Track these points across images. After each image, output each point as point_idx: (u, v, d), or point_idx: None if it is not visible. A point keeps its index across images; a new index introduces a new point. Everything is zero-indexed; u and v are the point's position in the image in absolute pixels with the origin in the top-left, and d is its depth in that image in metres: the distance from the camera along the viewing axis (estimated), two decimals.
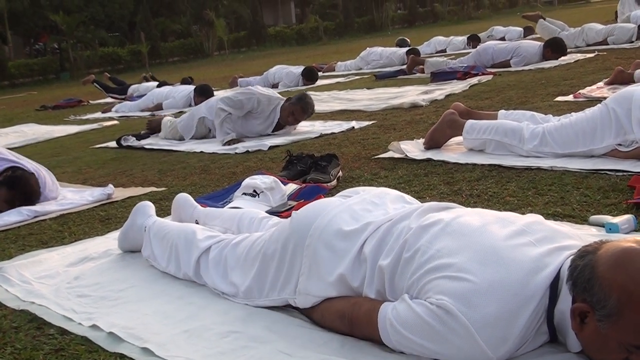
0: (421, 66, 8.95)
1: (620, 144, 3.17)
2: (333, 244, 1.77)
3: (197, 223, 2.59)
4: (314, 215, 1.86)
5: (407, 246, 1.63)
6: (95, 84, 12.07)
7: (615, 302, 1.32)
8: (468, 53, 9.32)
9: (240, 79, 10.90)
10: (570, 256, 1.48)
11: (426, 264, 1.54)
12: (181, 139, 5.75)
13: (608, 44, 9.54)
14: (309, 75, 9.73)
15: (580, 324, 1.41)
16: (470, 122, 3.72)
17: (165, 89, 9.30)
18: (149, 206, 2.63)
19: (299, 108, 5.15)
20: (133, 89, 11.29)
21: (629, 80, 5.39)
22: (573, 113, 3.53)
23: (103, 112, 9.58)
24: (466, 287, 1.43)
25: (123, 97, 11.09)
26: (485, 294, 1.42)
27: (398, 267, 1.62)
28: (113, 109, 9.45)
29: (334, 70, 11.92)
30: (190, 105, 8.05)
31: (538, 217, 1.72)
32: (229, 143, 5.08)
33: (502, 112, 3.92)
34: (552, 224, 1.72)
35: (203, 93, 7.75)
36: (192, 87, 8.71)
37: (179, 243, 2.28)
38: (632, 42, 9.38)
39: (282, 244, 1.89)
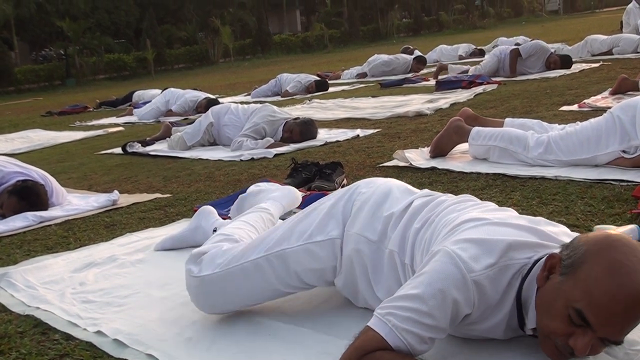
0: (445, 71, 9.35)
1: (624, 151, 3.18)
2: (391, 192, 1.91)
3: (215, 231, 2.60)
4: (379, 178, 2.06)
5: (437, 210, 1.75)
6: (102, 106, 12.00)
7: (582, 253, 1.39)
8: (473, 62, 9.42)
9: (254, 91, 10.52)
10: None
11: (448, 226, 1.62)
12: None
13: (613, 54, 9.55)
14: (321, 87, 9.79)
15: (545, 278, 1.45)
16: (476, 129, 3.73)
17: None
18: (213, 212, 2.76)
19: (297, 131, 5.23)
20: (138, 95, 11.30)
21: (633, 87, 5.41)
22: (578, 122, 3.54)
23: (120, 116, 9.69)
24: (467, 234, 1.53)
25: (129, 104, 11.14)
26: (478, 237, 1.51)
27: (424, 226, 1.73)
28: (134, 113, 9.49)
29: (339, 78, 11.95)
30: (195, 110, 8.21)
31: (562, 227, 1.71)
32: (272, 146, 5.09)
33: (508, 120, 3.93)
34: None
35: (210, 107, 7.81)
36: (201, 94, 8.74)
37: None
38: (638, 52, 9.39)
39: (340, 194, 1.98)
